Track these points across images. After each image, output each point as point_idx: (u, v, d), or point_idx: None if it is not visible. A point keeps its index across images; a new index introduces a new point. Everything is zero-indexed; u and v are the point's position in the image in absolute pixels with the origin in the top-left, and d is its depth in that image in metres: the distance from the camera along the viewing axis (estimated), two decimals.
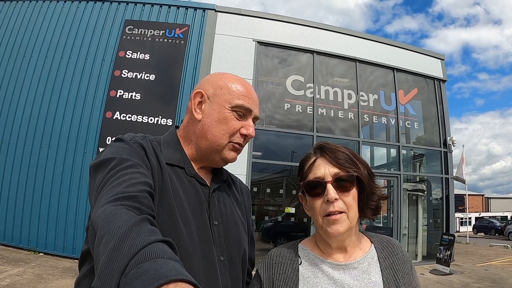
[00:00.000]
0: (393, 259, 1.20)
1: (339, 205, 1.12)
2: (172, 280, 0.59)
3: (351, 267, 1.16)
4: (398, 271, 1.17)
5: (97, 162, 1.06)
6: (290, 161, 10.54)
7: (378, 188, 1.21)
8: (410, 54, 12.15)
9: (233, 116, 1.21)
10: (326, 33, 11.15)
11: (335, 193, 1.12)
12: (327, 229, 1.13)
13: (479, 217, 44.46)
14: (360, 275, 1.15)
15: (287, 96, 10.50)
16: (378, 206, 1.21)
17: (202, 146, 1.22)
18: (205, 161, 1.26)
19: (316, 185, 1.17)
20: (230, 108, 1.20)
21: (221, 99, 1.21)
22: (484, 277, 9.34)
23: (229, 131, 1.21)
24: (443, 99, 12.19)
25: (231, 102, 1.20)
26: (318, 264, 1.19)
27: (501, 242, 22.77)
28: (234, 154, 1.26)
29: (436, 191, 12.16)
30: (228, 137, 1.21)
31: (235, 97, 1.21)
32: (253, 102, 1.25)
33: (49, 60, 9.79)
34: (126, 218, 0.78)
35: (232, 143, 1.23)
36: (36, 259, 8.06)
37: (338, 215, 1.12)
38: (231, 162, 1.27)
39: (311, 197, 1.18)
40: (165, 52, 9.83)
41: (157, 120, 9.25)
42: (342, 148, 1.20)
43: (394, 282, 1.14)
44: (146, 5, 10.28)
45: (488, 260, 13.14)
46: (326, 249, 1.21)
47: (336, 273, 1.16)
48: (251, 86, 1.29)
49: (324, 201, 1.14)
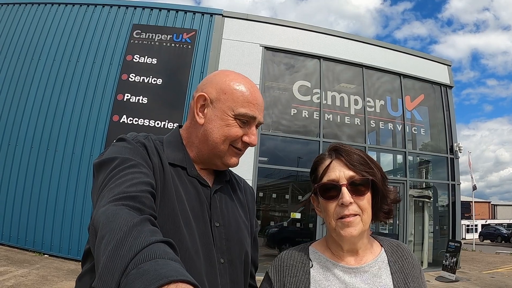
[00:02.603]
0: (403, 263, 1.20)
1: (353, 209, 1.12)
2: (173, 280, 0.59)
3: (362, 271, 1.16)
4: (408, 274, 1.17)
5: (100, 161, 1.06)
6: (296, 166, 10.53)
7: (391, 191, 1.21)
8: (417, 60, 12.12)
9: (235, 124, 1.18)
10: (333, 39, 11.15)
11: (350, 196, 1.12)
12: (341, 232, 1.13)
13: (485, 224, 44.14)
14: (371, 278, 1.15)
15: (293, 102, 10.50)
16: (390, 210, 1.21)
17: (204, 150, 1.21)
18: (207, 163, 1.24)
19: (331, 188, 1.16)
20: (233, 116, 1.17)
21: (224, 105, 1.18)
22: (490, 284, 9.27)
23: (231, 138, 1.19)
24: (449, 105, 12.13)
25: (235, 110, 1.17)
26: (330, 267, 1.19)
27: (508, 249, 22.57)
28: (236, 159, 1.24)
29: (442, 198, 12.08)
30: (229, 144, 1.20)
31: (239, 105, 1.18)
32: (258, 108, 1.21)
33: (57, 64, 9.87)
34: (127, 218, 0.77)
35: (233, 149, 1.21)
36: (41, 261, 8.10)
37: (352, 218, 1.12)
38: (232, 167, 1.27)
39: (325, 200, 1.17)
40: (172, 56, 9.88)
41: (164, 124, 9.28)
42: (356, 150, 1.20)
43: (404, 285, 1.14)
44: (154, 10, 10.35)
45: (494, 267, 13.04)
46: (338, 252, 1.21)
47: (347, 276, 1.16)
48: (257, 88, 1.26)
49: (339, 204, 1.13)
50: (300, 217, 10.25)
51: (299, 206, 12.07)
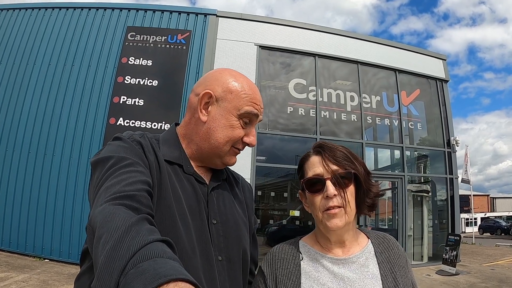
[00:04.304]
0: (389, 253, 1.26)
1: (338, 200, 1.18)
2: (172, 279, 0.59)
3: (350, 261, 1.22)
4: (395, 264, 1.23)
5: (96, 160, 1.07)
6: (294, 164, 10.51)
7: (374, 185, 1.27)
8: (412, 55, 12.13)
9: (239, 124, 1.19)
10: (328, 36, 11.16)
11: (334, 189, 1.18)
12: (327, 223, 1.19)
13: (484, 217, 44.17)
14: (358, 268, 1.21)
15: (290, 100, 10.51)
16: (374, 203, 1.27)
17: (204, 148, 1.21)
18: (205, 161, 1.24)
19: (316, 182, 1.22)
20: (238, 115, 1.18)
21: (230, 105, 1.18)
22: (490, 277, 9.28)
23: (234, 139, 1.20)
24: (446, 99, 12.15)
25: (240, 109, 1.17)
26: (319, 259, 1.25)
27: (507, 242, 22.62)
28: (235, 159, 1.26)
29: (441, 192, 12.10)
30: (231, 144, 1.20)
31: (244, 103, 1.18)
32: (259, 108, 1.23)
33: (52, 68, 9.85)
34: (125, 218, 0.77)
35: (234, 150, 1.23)
36: (42, 266, 8.08)
37: (337, 209, 1.18)
38: (230, 166, 1.28)
39: (311, 194, 1.23)
40: (167, 58, 9.87)
41: (161, 126, 9.27)
42: (340, 147, 1.26)
43: (391, 274, 1.20)
44: (147, 12, 10.34)
45: (495, 259, 13.05)
46: (326, 244, 1.27)
47: (336, 267, 1.21)
48: (256, 86, 1.28)
49: (324, 197, 1.19)
50: (299, 215, 10.25)
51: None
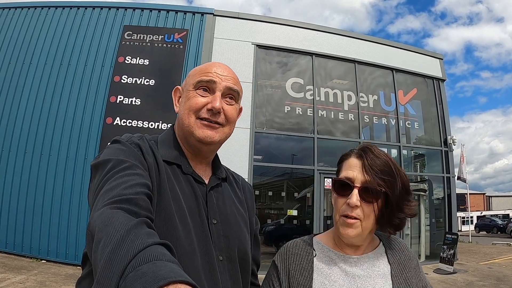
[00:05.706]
0: (400, 255, 1.28)
1: (357, 212, 1.16)
2: (172, 281, 0.59)
3: (361, 260, 1.24)
4: (405, 266, 1.25)
5: (95, 163, 1.06)
6: (291, 163, 10.54)
7: (409, 206, 1.21)
8: (408, 54, 12.16)
9: (196, 94, 1.20)
10: (325, 35, 11.16)
11: (358, 200, 1.15)
12: (340, 229, 1.20)
13: (480, 216, 44.36)
14: (370, 267, 1.23)
15: (287, 99, 10.50)
16: (401, 223, 1.22)
17: (182, 134, 1.24)
18: (194, 152, 1.25)
19: (344, 185, 1.20)
20: (193, 88, 1.21)
21: (188, 84, 1.24)
22: (488, 275, 9.33)
23: (193, 109, 1.19)
24: (442, 98, 12.20)
25: (193, 83, 1.21)
26: (332, 256, 1.27)
27: (504, 240, 22.77)
28: (207, 131, 1.19)
29: (438, 191, 12.14)
30: (193, 114, 1.19)
31: (196, 77, 1.22)
32: (216, 76, 1.20)
33: (48, 67, 9.80)
34: (123, 222, 0.77)
35: (199, 120, 1.19)
36: (39, 267, 8.05)
37: (353, 220, 1.16)
38: (209, 143, 1.20)
39: (336, 195, 1.23)
40: (164, 57, 9.84)
41: (158, 125, 9.24)
42: (384, 156, 1.20)
43: (402, 275, 1.22)
44: (144, 11, 10.30)
45: (491, 258, 13.14)
46: (340, 243, 1.28)
47: (347, 265, 1.23)
48: (224, 64, 1.27)
49: (346, 202, 1.17)
50: (297, 214, 10.26)
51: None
